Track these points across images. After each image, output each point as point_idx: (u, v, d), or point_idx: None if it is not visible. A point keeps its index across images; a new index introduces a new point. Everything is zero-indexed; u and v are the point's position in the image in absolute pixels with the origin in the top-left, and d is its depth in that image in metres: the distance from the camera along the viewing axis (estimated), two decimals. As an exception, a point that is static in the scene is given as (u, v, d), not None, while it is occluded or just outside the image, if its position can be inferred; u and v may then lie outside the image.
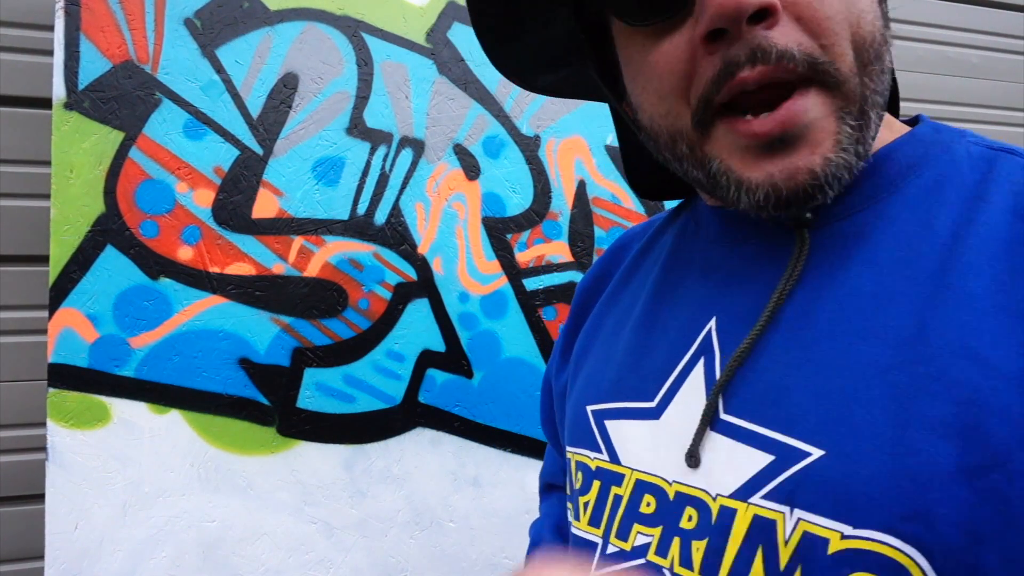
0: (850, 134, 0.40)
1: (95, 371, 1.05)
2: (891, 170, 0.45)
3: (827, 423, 0.39)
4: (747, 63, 0.38)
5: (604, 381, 0.56)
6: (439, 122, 1.23)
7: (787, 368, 0.43)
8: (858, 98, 0.40)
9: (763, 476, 0.41)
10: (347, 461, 1.16)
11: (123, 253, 1.07)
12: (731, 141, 0.41)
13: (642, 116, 0.47)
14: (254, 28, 1.14)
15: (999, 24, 2.02)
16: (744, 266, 0.49)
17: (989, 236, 0.40)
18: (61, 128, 1.05)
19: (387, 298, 1.19)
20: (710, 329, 0.49)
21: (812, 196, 0.40)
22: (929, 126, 0.48)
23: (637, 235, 0.69)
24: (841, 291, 0.43)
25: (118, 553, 1.05)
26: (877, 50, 0.41)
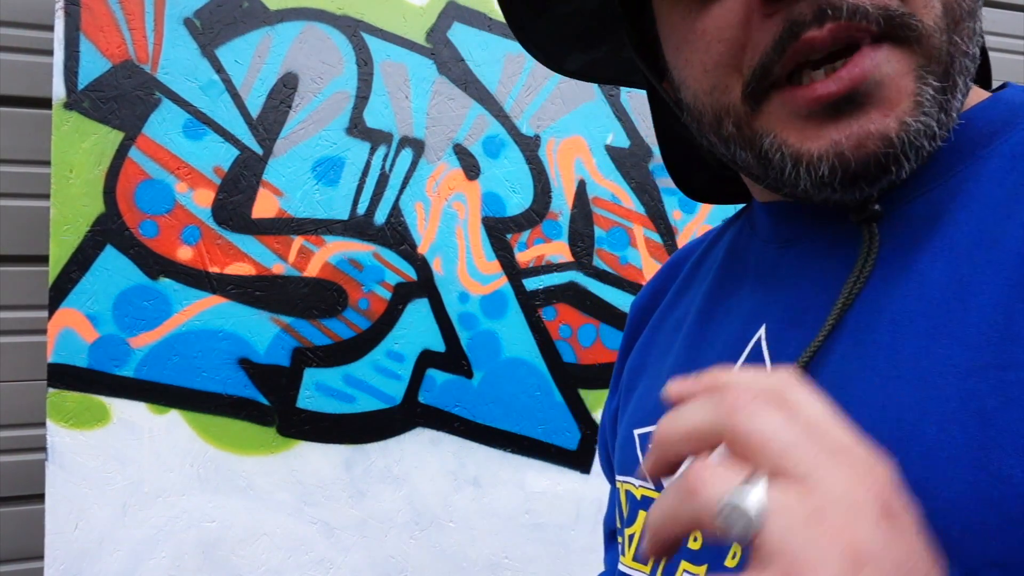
0: (932, 96, 0.34)
1: (95, 371, 1.05)
2: (970, 139, 0.38)
3: (893, 441, 0.33)
4: (814, 21, 0.33)
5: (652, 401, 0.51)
6: (439, 122, 1.23)
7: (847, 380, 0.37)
8: (944, 57, 0.34)
9: None
10: (347, 461, 1.16)
11: (123, 253, 1.07)
12: (788, 111, 0.36)
13: (685, 94, 0.42)
14: (254, 28, 1.14)
15: (999, 24, 2.02)
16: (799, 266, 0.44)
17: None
18: (61, 128, 1.05)
19: (387, 298, 1.19)
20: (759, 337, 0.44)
21: (886, 168, 0.34)
22: (1018, 89, 0.41)
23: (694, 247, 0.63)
24: (910, 284, 0.37)
25: (118, 553, 1.05)
26: (970, 5, 0.35)
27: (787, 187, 0.38)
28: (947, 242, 0.36)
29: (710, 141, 0.42)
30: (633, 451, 0.51)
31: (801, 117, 0.35)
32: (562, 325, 1.27)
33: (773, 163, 0.37)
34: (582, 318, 1.28)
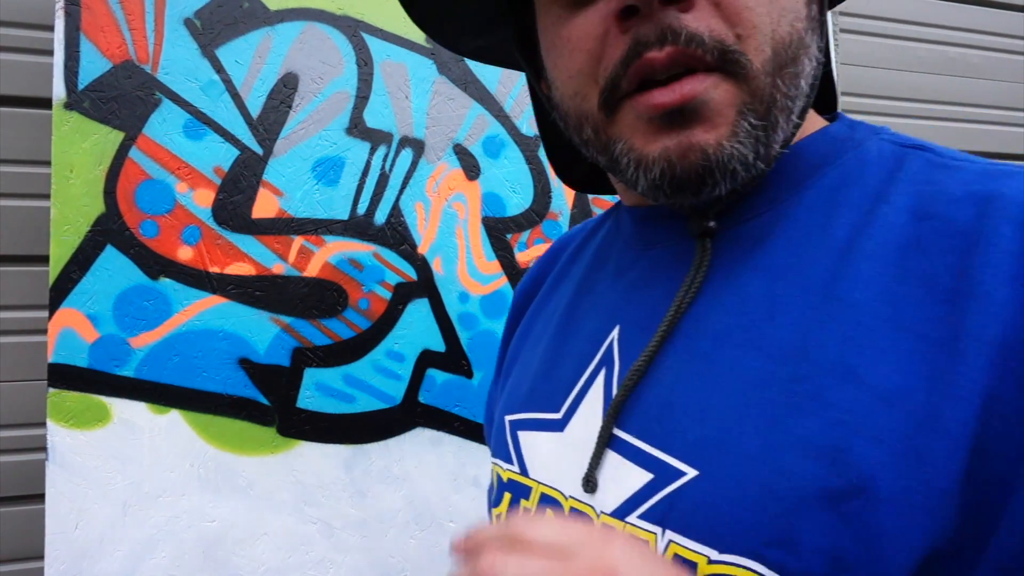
0: (748, 131, 0.38)
1: (95, 371, 1.05)
2: (797, 170, 0.43)
3: (703, 442, 0.38)
4: (656, 43, 0.36)
5: (522, 390, 0.55)
6: (439, 122, 1.23)
7: (674, 383, 0.41)
8: (766, 98, 0.38)
9: (642, 495, 0.40)
10: (347, 461, 1.16)
11: (123, 253, 1.07)
12: (634, 117, 0.39)
13: (555, 95, 0.45)
14: (254, 28, 1.14)
15: (999, 24, 2.02)
16: (650, 272, 0.48)
17: (884, 240, 0.38)
18: (61, 128, 1.05)
19: (387, 298, 1.19)
20: (612, 339, 0.48)
21: (703, 180, 0.38)
22: (845, 123, 0.46)
23: (574, 236, 0.67)
24: (733, 300, 0.41)
25: (118, 553, 1.05)
26: (795, 53, 0.39)
27: (631, 187, 0.41)
28: (766, 263, 0.41)
29: (575, 142, 0.45)
30: (503, 436, 0.55)
31: (644, 122, 0.39)
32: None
33: (622, 166, 0.41)
34: (582, 318, 1.28)
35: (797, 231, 0.41)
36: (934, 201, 0.38)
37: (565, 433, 0.48)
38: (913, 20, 1.91)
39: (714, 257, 0.44)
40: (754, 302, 0.40)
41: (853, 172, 0.42)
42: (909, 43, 1.91)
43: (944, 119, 1.94)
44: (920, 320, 0.35)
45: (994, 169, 0.39)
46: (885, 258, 0.37)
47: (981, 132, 1.98)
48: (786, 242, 0.41)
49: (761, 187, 0.43)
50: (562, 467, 0.47)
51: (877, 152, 0.43)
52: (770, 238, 0.42)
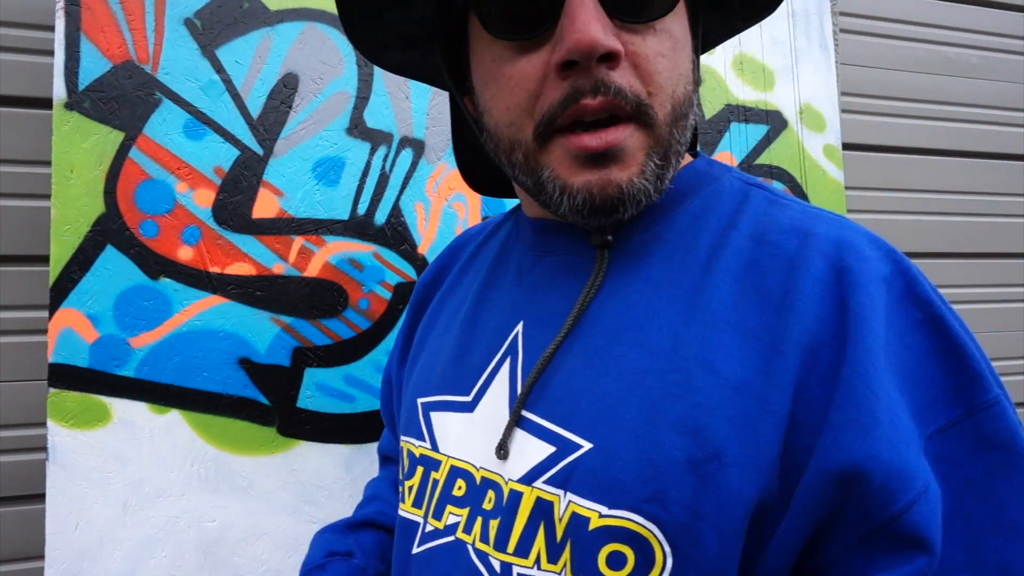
0: (653, 169, 0.48)
1: (95, 371, 1.05)
2: (670, 198, 0.53)
3: (597, 420, 0.47)
4: (590, 92, 0.45)
5: (433, 375, 0.63)
6: (439, 122, 1.23)
7: (573, 371, 0.50)
8: (665, 143, 0.48)
9: (546, 464, 0.48)
10: (347, 461, 1.16)
11: (123, 253, 1.07)
12: (563, 152, 0.48)
13: (488, 120, 0.53)
14: (254, 28, 1.14)
15: (999, 24, 2.02)
16: (549, 276, 0.57)
17: (733, 259, 0.49)
18: (61, 128, 1.05)
19: (387, 298, 1.19)
20: (517, 332, 0.56)
21: (616, 208, 0.48)
22: (704, 160, 0.57)
23: (474, 236, 0.76)
24: (620, 304, 0.50)
25: (118, 553, 1.05)
26: (686, 110, 0.49)
27: (552, 208, 0.50)
28: (645, 275, 0.51)
29: (500, 162, 0.54)
30: (416, 417, 0.62)
31: (571, 157, 0.48)
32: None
33: (546, 189, 0.49)
34: (582, 318, 1.28)
35: (669, 249, 0.51)
36: (769, 230, 0.50)
37: (475, 414, 0.56)
38: (913, 20, 1.91)
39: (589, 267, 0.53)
40: (637, 307, 0.49)
41: (711, 202, 0.53)
42: (909, 43, 1.91)
43: (944, 119, 1.94)
44: (757, 325, 0.45)
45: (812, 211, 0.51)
46: (734, 274, 0.48)
47: (981, 132, 1.99)
48: (662, 258, 0.51)
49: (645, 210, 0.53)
50: (473, 443, 0.55)
51: (729, 187, 0.54)
52: (648, 254, 0.52)
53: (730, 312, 0.46)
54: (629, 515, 0.43)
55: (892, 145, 1.86)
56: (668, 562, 0.42)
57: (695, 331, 0.46)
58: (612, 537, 0.44)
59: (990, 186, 1.99)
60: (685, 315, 0.47)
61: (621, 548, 0.43)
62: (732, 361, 0.44)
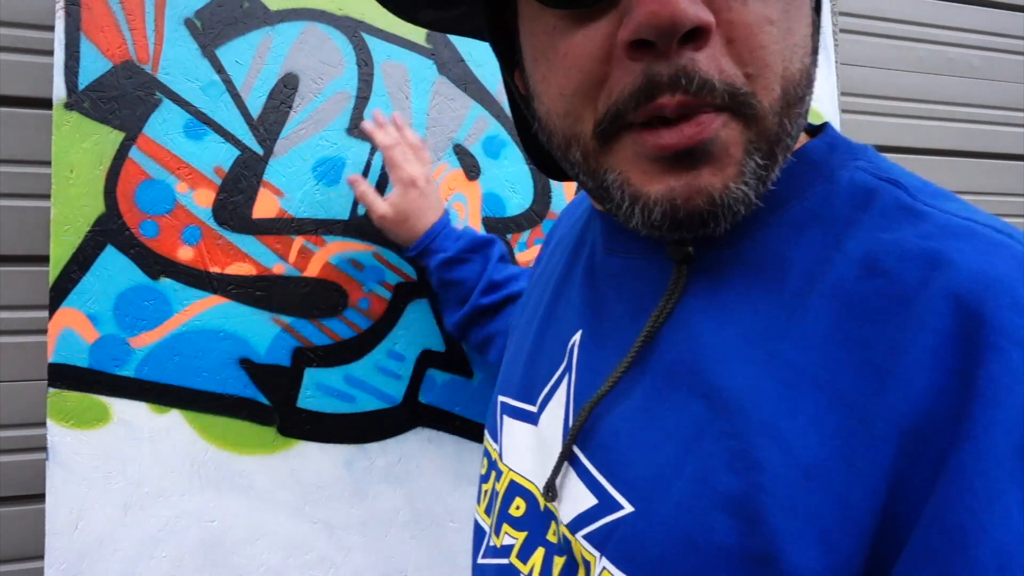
0: (755, 170, 0.37)
1: (95, 371, 1.05)
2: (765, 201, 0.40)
3: (642, 480, 0.39)
4: (668, 88, 0.34)
5: (513, 374, 0.58)
6: (439, 122, 1.23)
7: (624, 413, 0.42)
8: (771, 138, 0.37)
9: (588, 516, 0.42)
10: (347, 461, 1.16)
11: (123, 253, 1.07)
12: (634, 152, 0.37)
13: (539, 107, 0.42)
14: (254, 28, 1.14)
15: (999, 24, 2.02)
16: (617, 282, 0.48)
17: (832, 294, 0.37)
18: (61, 128, 1.05)
19: (387, 298, 1.19)
20: (574, 343, 0.49)
21: (705, 223, 0.37)
22: (823, 143, 0.43)
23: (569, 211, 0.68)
24: (688, 338, 0.41)
25: (118, 553, 1.05)
26: (802, 92, 0.38)
27: (621, 219, 0.39)
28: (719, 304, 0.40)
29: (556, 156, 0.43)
30: (495, 416, 0.58)
31: (646, 159, 0.37)
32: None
33: (613, 196, 0.39)
34: (582, 318, 1.28)
35: (754, 274, 0.40)
36: (887, 254, 0.36)
37: (539, 427, 0.50)
38: (913, 20, 1.91)
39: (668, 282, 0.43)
40: (705, 345, 0.40)
41: (819, 208, 0.40)
42: (909, 43, 1.91)
43: (944, 119, 1.94)
44: (852, 391, 0.34)
45: (960, 223, 0.36)
46: (830, 318, 0.36)
47: (981, 132, 1.98)
48: (741, 284, 0.41)
49: None
50: (533, 460, 0.50)
51: (848, 184, 0.40)
52: (727, 277, 0.41)
53: (819, 368, 0.35)
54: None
55: (892, 145, 1.86)
56: None
57: (770, 388, 0.36)
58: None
59: (990, 186, 1.99)
60: (761, 364, 0.37)
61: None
62: (811, 437, 0.34)
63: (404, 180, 1.03)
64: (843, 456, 0.33)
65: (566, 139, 0.40)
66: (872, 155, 0.42)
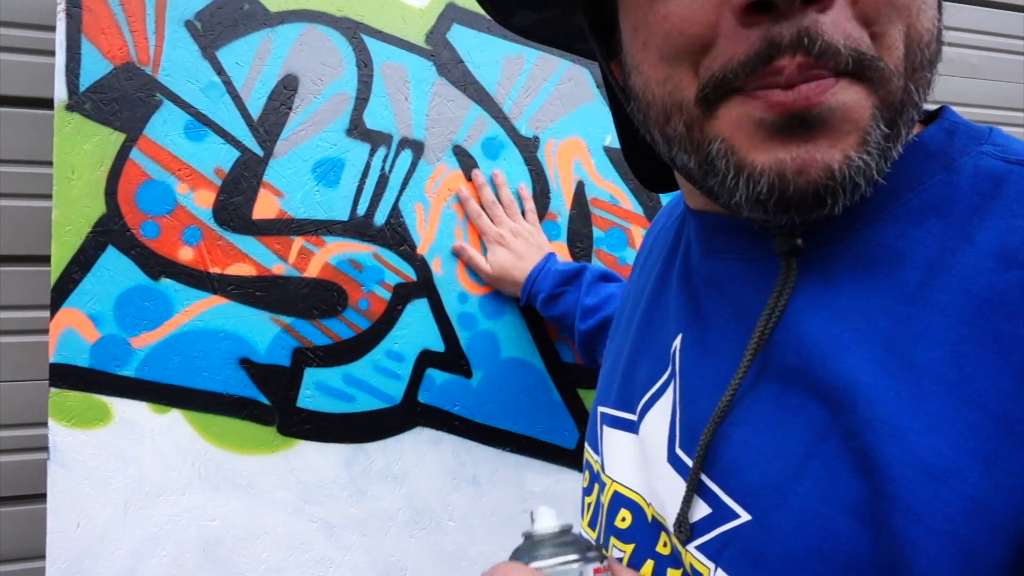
0: (879, 141, 0.33)
1: (96, 371, 1.06)
2: (879, 193, 0.38)
3: (759, 488, 0.37)
4: (788, 48, 0.32)
5: (611, 383, 0.57)
6: (438, 123, 1.23)
7: (738, 418, 0.40)
8: (897, 103, 0.34)
9: (702, 526, 0.40)
10: (347, 460, 1.17)
11: (124, 254, 1.08)
12: (741, 115, 0.34)
13: (636, 79, 0.40)
14: (254, 30, 1.14)
15: (999, 24, 2.02)
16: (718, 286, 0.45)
17: (961, 288, 0.33)
18: (63, 130, 1.05)
19: (387, 298, 1.19)
20: (676, 348, 0.46)
21: (822, 200, 0.34)
22: (943, 128, 0.39)
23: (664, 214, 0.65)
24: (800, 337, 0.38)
25: (119, 552, 1.05)
26: (931, 55, 0.35)
27: (723, 196, 0.37)
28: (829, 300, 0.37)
29: (653, 138, 0.40)
30: (595, 426, 0.57)
31: (754, 123, 0.34)
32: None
33: (717, 169, 0.35)
34: (581, 318, 1.28)
35: (867, 268, 0.37)
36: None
37: (640, 436, 0.49)
38: (912, 20, 1.91)
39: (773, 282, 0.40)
40: (819, 344, 0.37)
41: (937, 201, 0.36)
42: (908, 43, 1.90)
43: (943, 119, 1.94)
44: (988, 391, 0.31)
45: None
46: (959, 313, 0.33)
47: (980, 132, 1.98)
48: (854, 280, 0.37)
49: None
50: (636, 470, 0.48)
51: (972, 172, 0.36)
52: (836, 271, 0.38)
53: (947, 368, 0.32)
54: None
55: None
56: None
57: (888, 387, 0.33)
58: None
59: (989, 186, 1.98)
60: (879, 362, 0.34)
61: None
62: (938, 437, 0.31)
63: (491, 240, 1.17)
64: (978, 457, 0.30)
65: (666, 109, 0.37)
66: (1000, 137, 0.38)
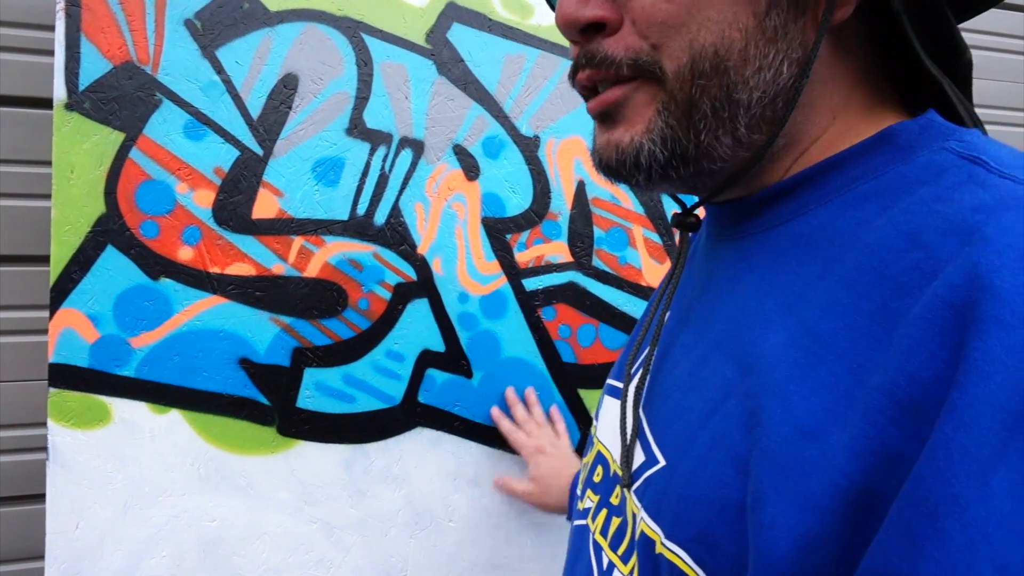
0: (663, 128, 0.42)
1: (96, 371, 1.05)
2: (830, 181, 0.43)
3: (675, 438, 0.43)
4: (585, 65, 0.44)
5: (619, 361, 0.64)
6: (439, 122, 1.23)
7: (671, 376, 0.47)
8: (684, 101, 0.41)
9: (638, 472, 0.46)
10: (347, 461, 1.17)
11: (123, 253, 1.07)
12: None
13: None
14: (254, 29, 1.14)
15: (999, 24, 2.02)
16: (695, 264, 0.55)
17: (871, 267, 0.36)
18: (62, 129, 1.05)
19: (387, 298, 1.19)
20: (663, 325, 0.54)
21: (620, 171, 0.45)
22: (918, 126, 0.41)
23: None
24: (735, 308, 0.44)
25: (119, 552, 1.05)
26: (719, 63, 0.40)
27: None
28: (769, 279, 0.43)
29: None
30: (601, 398, 0.63)
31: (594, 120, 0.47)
32: (561, 325, 1.27)
33: None
34: (581, 318, 1.28)
35: (807, 248, 0.42)
36: (931, 228, 0.35)
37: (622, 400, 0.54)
38: (913, 20, 1.91)
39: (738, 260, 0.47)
40: (747, 313, 0.43)
41: (885, 187, 0.40)
42: (909, 43, 1.90)
43: (944, 119, 1.94)
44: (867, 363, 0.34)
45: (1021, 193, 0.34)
46: (863, 289, 0.36)
47: (981, 132, 1.98)
48: (793, 259, 0.42)
49: (795, 193, 0.44)
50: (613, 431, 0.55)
51: (924, 165, 0.39)
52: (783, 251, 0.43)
53: (841, 338, 0.35)
54: (680, 552, 0.39)
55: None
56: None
57: (790, 353, 0.37)
58: (666, 569, 0.39)
59: (990, 186, 1.98)
60: (789, 330, 0.38)
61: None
62: (815, 399, 0.34)
63: (531, 452, 1.13)
64: (842, 423, 0.33)
65: None
66: (969, 136, 0.40)
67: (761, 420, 0.36)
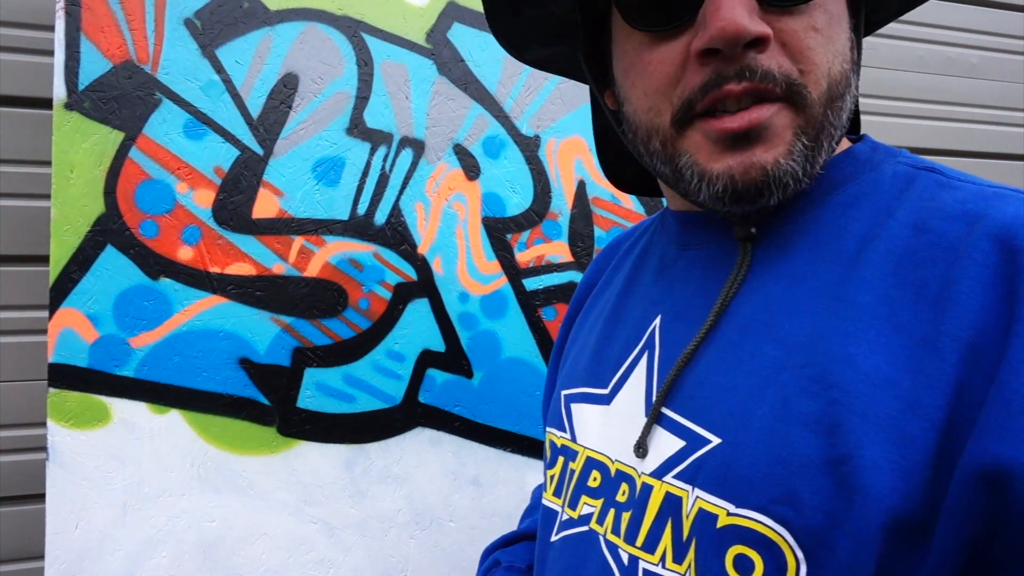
0: (802, 150, 0.45)
1: (95, 371, 1.05)
2: (821, 186, 0.50)
3: (727, 416, 0.46)
4: (734, 78, 0.44)
5: (578, 368, 0.64)
6: (439, 122, 1.23)
7: (708, 366, 0.49)
8: (817, 124, 0.45)
9: (676, 459, 0.48)
10: (347, 461, 1.16)
11: (123, 253, 1.07)
12: (703, 137, 0.46)
13: (627, 108, 0.52)
14: (254, 28, 1.14)
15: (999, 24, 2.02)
16: (690, 269, 0.56)
17: (887, 249, 0.44)
18: (61, 128, 1.05)
19: (387, 298, 1.19)
20: (655, 327, 0.55)
21: (760, 193, 0.45)
22: (868, 145, 0.52)
23: (628, 235, 0.76)
24: (758, 299, 0.48)
25: (118, 553, 1.05)
26: (843, 90, 0.46)
27: (691, 196, 0.49)
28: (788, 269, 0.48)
29: (638, 152, 0.53)
30: (559, 408, 0.64)
31: (711, 142, 0.46)
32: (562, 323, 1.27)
33: (684, 176, 0.48)
34: (582, 318, 1.28)
35: (815, 241, 0.48)
36: (932, 217, 0.44)
37: (611, 407, 0.56)
38: (913, 20, 1.91)
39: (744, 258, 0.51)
40: (777, 302, 0.47)
41: (868, 191, 0.49)
42: (909, 43, 1.90)
43: (944, 119, 1.94)
44: (910, 321, 0.41)
45: (990, 191, 0.44)
46: (886, 267, 0.44)
47: (981, 132, 1.98)
48: (806, 251, 0.48)
49: (792, 199, 0.49)
50: (609, 435, 0.55)
51: (892, 173, 0.49)
52: (793, 246, 0.49)
53: (880, 306, 0.42)
54: (757, 516, 0.41)
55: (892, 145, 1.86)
56: (802, 570, 0.40)
57: (837, 325, 0.43)
58: (739, 538, 0.42)
59: (990, 186, 1.98)
60: (827, 309, 0.44)
61: (748, 552, 0.41)
62: (876, 356, 0.41)
63: None
64: (910, 371, 0.40)
65: (648, 131, 0.50)
66: (908, 154, 0.51)
67: (833, 382, 0.41)
